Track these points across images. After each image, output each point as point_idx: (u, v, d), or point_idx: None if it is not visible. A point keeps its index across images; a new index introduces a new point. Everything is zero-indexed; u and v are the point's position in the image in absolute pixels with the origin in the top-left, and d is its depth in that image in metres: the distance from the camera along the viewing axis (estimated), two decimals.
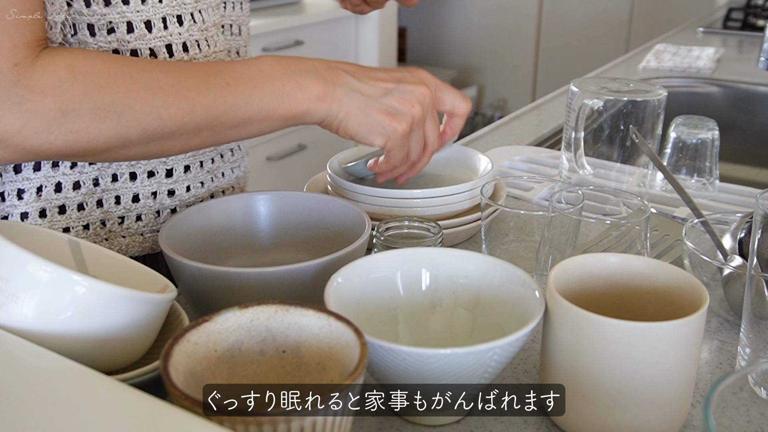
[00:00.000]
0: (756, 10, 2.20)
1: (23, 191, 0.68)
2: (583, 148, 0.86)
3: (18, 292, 0.45)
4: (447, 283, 0.56)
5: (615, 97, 0.84)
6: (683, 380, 0.48)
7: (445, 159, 0.87)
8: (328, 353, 0.45)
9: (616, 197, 0.70)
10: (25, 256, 0.45)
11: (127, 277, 0.56)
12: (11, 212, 0.68)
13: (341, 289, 0.52)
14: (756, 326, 0.54)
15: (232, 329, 0.46)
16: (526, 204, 0.89)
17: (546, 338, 0.50)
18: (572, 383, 0.48)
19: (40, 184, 0.68)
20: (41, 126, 0.55)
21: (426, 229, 0.63)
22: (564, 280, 0.51)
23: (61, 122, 0.55)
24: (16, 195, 0.68)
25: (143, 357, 0.52)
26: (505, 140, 1.16)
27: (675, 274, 0.51)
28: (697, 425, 0.51)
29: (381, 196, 0.74)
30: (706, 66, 1.61)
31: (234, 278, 0.54)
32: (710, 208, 0.87)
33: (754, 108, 1.52)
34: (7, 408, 0.38)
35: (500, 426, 0.51)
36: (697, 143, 0.94)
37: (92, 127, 0.56)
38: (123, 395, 0.39)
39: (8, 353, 0.43)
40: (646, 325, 0.45)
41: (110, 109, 0.56)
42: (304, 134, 2.53)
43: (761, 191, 0.53)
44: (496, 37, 3.53)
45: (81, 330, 0.46)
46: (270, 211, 0.69)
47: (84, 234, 0.69)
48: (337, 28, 2.60)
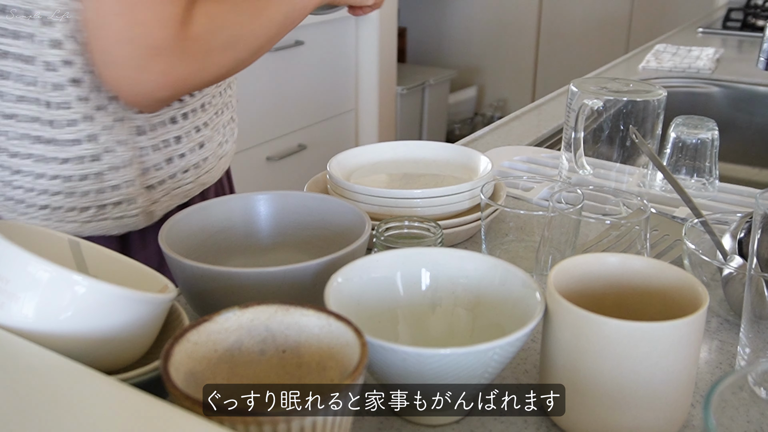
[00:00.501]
0: (756, 11, 2.20)
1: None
2: (583, 148, 0.86)
3: (18, 292, 0.45)
4: (447, 283, 0.56)
5: (615, 97, 0.84)
6: (683, 380, 0.48)
7: (445, 159, 0.87)
8: (328, 353, 0.45)
9: (616, 197, 0.70)
10: (25, 256, 0.45)
11: (127, 277, 0.56)
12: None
13: (341, 289, 0.52)
14: (756, 326, 0.54)
15: (232, 329, 0.46)
16: (526, 204, 0.89)
17: (546, 338, 0.50)
18: (572, 383, 0.48)
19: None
20: (198, 67, 0.67)
21: (426, 229, 0.63)
22: (564, 280, 0.51)
23: (206, 61, 0.67)
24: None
25: (143, 357, 0.52)
26: (505, 140, 1.16)
27: (675, 274, 0.51)
28: (697, 425, 0.51)
29: (381, 196, 0.74)
30: (706, 66, 1.61)
31: (234, 278, 0.54)
32: (710, 208, 0.87)
33: (754, 108, 1.52)
34: (7, 408, 0.38)
35: (500, 426, 0.51)
36: (696, 143, 0.94)
37: (223, 59, 0.69)
38: (123, 395, 0.39)
39: (8, 353, 0.43)
40: (646, 325, 0.45)
41: (231, 42, 0.69)
42: (304, 134, 2.53)
43: (761, 191, 0.53)
44: (496, 37, 3.53)
45: (81, 330, 0.46)
46: (270, 211, 0.69)
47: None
48: (337, 28, 2.60)
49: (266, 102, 2.33)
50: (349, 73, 2.72)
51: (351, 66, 2.72)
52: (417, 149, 0.89)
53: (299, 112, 2.50)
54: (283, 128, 2.44)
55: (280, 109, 2.40)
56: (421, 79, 3.16)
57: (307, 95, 2.51)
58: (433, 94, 3.23)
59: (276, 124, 2.40)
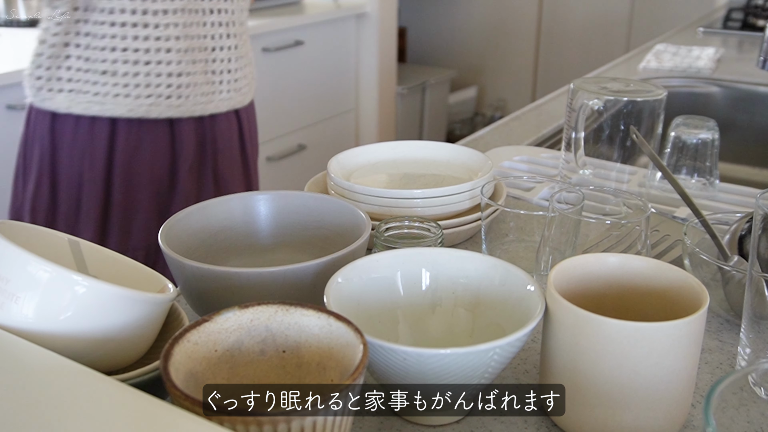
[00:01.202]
0: (756, 10, 2.20)
1: None
2: (583, 148, 0.86)
3: (18, 292, 0.45)
4: (447, 283, 0.56)
5: (615, 97, 0.84)
6: (683, 380, 0.48)
7: (445, 159, 0.87)
8: (328, 353, 0.45)
9: (616, 197, 0.70)
10: (25, 256, 0.45)
11: (127, 277, 0.56)
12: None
13: (341, 289, 0.52)
14: (756, 326, 0.54)
15: (232, 329, 0.46)
16: (526, 204, 0.89)
17: (546, 338, 0.50)
18: (572, 383, 0.48)
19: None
20: None
21: (426, 229, 0.63)
22: (564, 280, 0.51)
23: None
24: None
25: (143, 357, 0.52)
26: (505, 140, 1.16)
27: (675, 274, 0.51)
28: (697, 425, 0.51)
29: (381, 196, 0.74)
30: (706, 66, 1.61)
31: (234, 278, 0.54)
32: (710, 208, 0.87)
33: (754, 108, 1.52)
34: (7, 408, 0.38)
35: (500, 426, 0.51)
36: (697, 143, 0.94)
37: None
38: (123, 395, 0.39)
39: (8, 353, 0.43)
40: (646, 325, 0.45)
41: None
42: (304, 134, 2.53)
43: (761, 191, 0.53)
44: (496, 37, 3.53)
45: (81, 330, 0.46)
46: (270, 211, 0.69)
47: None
48: (337, 28, 2.60)
49: (266, 102, 2.33)
50: (349, 73, 2.72)
51: (351, 66, 2.72)
52: (417, 149, 0.89)
53: (299, 112, 2.50)
54: (283, 128, 2.44)
55: (280, 109, 2.40)
56: (421, 79, 3.16)
57: (307, 95, 2.51)
58: (433, 94, 3.23)
59: (276, 124, 2.40)
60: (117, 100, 1.04)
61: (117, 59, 1.03)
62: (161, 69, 1.06)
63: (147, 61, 1.04)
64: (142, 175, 1.10)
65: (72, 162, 1.08)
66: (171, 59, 1.06)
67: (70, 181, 1.09)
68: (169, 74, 1.06)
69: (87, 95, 1.04)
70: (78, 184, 1.09)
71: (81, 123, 1.06)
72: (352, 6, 2.62)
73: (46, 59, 1.04)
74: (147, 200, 1.12)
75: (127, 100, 1.04)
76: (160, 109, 1.07)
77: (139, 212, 1.12)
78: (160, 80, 1.06)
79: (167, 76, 1.06)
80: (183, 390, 0.39)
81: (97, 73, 1.03)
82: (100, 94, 1.04)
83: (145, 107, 1.06)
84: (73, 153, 1.07)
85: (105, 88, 1.04)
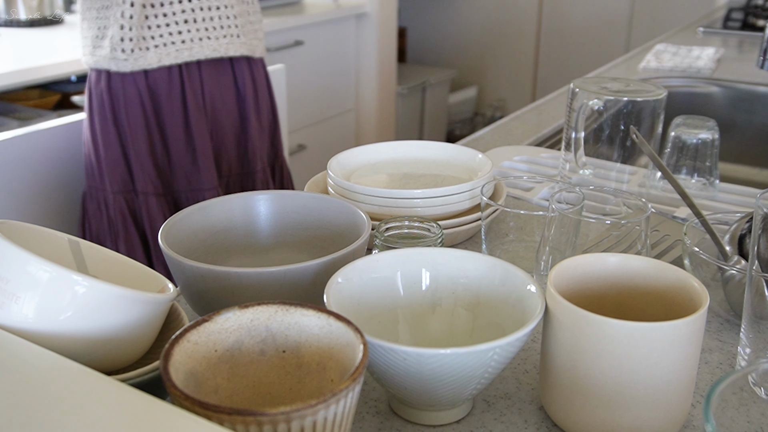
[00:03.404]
0: (756, 10, 2.20)
1: None
2: (583, 148, 0.86)
3: (18, 292, 0.45)
4: (447, 283, 0.56)
5: (615, 97, 0.84)
6: (683, 380, 0.48)
7: (445, 159, 0.87)
8: (328, 353, 0.45)
9: (616, 197, 0.70)
10: (25, 256, 0.45)
11: (127, 277, 0.56)
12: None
13: (341, 289, 0.52)
14: (756, 326, 0.54)
15: (232, 329, 0.46)
16: (526, 204, 0.89)
17: (546, 338, 0.50)
18: (572, 383, 0.48)
19: None
20: None
21: (426, 229, 0.63)
22: (564, 280, 0.51)
23: None
24: None
25: (143, 357, 0.52)
26: (505, 140, 1.16)
27: (675, 274, 0.51)
28: (697, 425, 0.51)
29: (381, 196, 0.74)
30: (706, 66, 1.61)
31: (234, 278, 0.54)
32: (710, 208, 0.87)
33: (754, 108, 1.52)
34: (7, 408, 0.38)
35: (500, 426, 0.51)
36: (697, 143, 0.94)
37: None
38: (123, 395, 0.39)
39: (8, 353, 0.43)
40: (646, 325, 0.45)
41: None
42: (304, 134, 2.53)
43: (761, 191, 0.53)
44: (496, 37, 3.53)
45: (81, 330, 0.46)
46: (270, 211, 0.69)
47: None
48: (337, 28, 2.60)
49: None
50: (349, 73, 2.72)
51: (351, 66, 2.72)
52: (417, 149, 0.89)
53: (299, 112, 2.50)
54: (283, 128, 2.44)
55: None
56: (421, 79, 3.16)
57: (307, 95, 2.51)
58: (433, 94, 3.23)
59: None
60: (202, 44, 1.23)
61: (194, 8, 1.23)
62: (228, 12, 1.27)
63: (218, 6, 1.26)
64: (221, 111, 1.30)
65: (172, 107, 1.24)
66: (233, 3, 1.27)
67: (175, 128, 1.26)
68: (235, 16, 1.28)
69: (174, 45, 1.22)
70: (185, 129, 1.26)
71: (173, 72, 1.24)
72: (352, 6, 2.62)
73: (128, 20, 1.20)
74: (229, 135, 1.33)
75: (209, 42, 1.23)
76: (235, 47, 1.28)
77: (224, 146, 1.33)
78: (229, 21, 1.27)
79: (234, 18, 1.28)
80: (183, 390, 0.39)
81: (180, 23, 1.22)
82: (186, 41, 1.21)
83: (225, 46, 1.26)
84: (172, 99, 1.25)
85: (189, 35, 1.23)
